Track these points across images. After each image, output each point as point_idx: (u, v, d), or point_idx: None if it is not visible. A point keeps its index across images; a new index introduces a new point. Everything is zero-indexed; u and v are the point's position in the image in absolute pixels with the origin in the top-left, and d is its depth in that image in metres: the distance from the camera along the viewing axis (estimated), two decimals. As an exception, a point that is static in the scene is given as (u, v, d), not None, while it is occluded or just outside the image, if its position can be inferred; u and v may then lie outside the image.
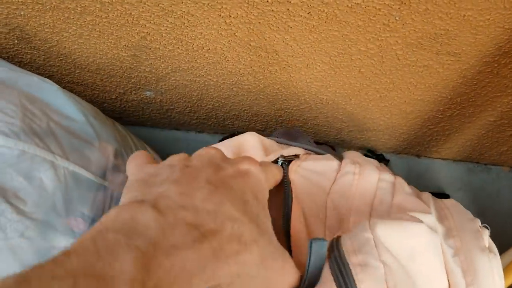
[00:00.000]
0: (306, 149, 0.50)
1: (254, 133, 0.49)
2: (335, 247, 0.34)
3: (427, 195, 0.47)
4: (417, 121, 0.82)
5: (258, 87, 0.80)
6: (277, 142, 0.51)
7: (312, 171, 0.44)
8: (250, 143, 0.48)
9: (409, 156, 0.96)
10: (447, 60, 0.64)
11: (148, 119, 1.00)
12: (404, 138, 0.89)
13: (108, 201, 0.60)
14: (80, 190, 0.56)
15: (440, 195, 0.92)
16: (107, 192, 0.61)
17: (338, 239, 0.34)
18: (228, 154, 0.46)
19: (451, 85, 0.70)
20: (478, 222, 0.41)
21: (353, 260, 0.32)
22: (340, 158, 0.55)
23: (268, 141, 0.49)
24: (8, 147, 0.50)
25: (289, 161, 0.44)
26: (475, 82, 0.68)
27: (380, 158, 0.91)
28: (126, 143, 0.71)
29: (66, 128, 0.59)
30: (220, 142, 0.50)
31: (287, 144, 0.51)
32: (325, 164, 0.45)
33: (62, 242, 0.51)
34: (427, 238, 0.35)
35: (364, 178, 0.43)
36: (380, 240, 0.34)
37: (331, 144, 0.97)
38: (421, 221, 0.36)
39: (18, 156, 0.50)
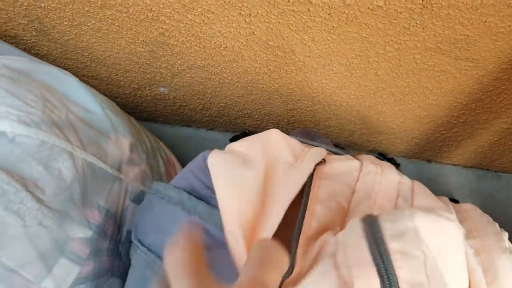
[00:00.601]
0: (327, 150, 0.51)
1: (278, 131, 0.49)
2: (374, 228, 0.34)
3: (445, 199, 0.47)
4: (430, 126, 0.82)
5: (273, 87, 0.80)
6: (300, 142, 0.51)
7: (337, 171, 0.44)
8: (277, 144, 0.48)
9: (420, 160, 0.96)
10: (465, 65, 0.64)
11: (160, 115, 1.00)
12: (416, 143, 0.89)
13: (123, 194, 0.61)
14: (97, 181, 0.56)
15: (450, 200, 0.92)
16: (122, 185, 0.61)
17: (375, 220, 0.34)
18: (257, 154, 0.45)
19: (467, 91, 0.70)
20: (497, 225, 0.42)
21: (392, 246, 0.32)
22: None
23: (292, 141, 0.50)
24: (29, 136, 0.50)
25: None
26: (491, 89, 0.68)
27: (391, 162, 0.92)
28: (140, 138, 0.71)
29: (84, 120, 0.59)
30: (246, 139, 0.50)
31: (309, 144, 0.52)
32: (349, 164, 0.45)
33: (78, 233, 0.52)
34: (456, 237, 0.35)
35: (386, 177, 0.43)
36: (419, 230, 0.34)
37: (342, 146, 0.97)
38: (454, 220, 0.36)
39: (39, 146, 0.50)
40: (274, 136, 0.49)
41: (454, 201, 0.91)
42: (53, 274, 0.49)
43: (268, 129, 0.96)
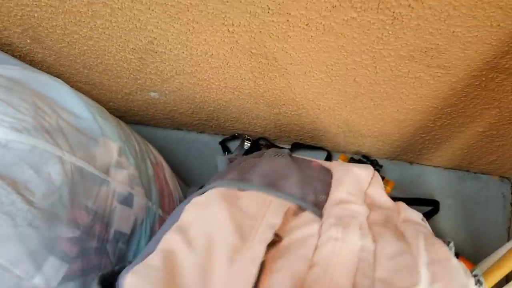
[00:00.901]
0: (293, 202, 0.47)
1: (222, 200, 0.44)
2: None
3: (421, 241, 0.43)
4: (410, 129, 0.85)
5: (258, 92, 0.83)
6: (259, 192, 0.47)
7: (292, 241, 0.41)
8: (218, 222, 0.42)
9: (402, 162, 0.99)
10: (437, 72, 0.67)
11: (151, 119, 1.03)
12: (397, 145, 0.92)
13: (111, 196, 0.64)
14: (85, 184, 0.59)
15: (430, 201, 0.95)
16: (110, 187, 0.64)
17: None
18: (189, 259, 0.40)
19: (441, 96, 0.73)
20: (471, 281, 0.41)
21: None
22: (328, 171, 0.55)
23: (243, 205, 0.45)
24: (20, 142, 0.53)
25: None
26: (464, 94, 0.71)
27: (374, 164, 0.95)
28: (129, 141, 0.74)
29: (73, 126, 0.62)
30: (178, 231, 0.43)
31: (272, 193, 0.47)
32: (306, 230, 0.42)
33: (66, 233, 0.55)
34: None
35: (346, 244, 0.40)
36: None
37: (327, 148, 1.01)
38: None
39: (30, 151, 0.53)
40: (216, 212, 0.43)
41: (435, 202, 0.94)
42: (43, 271, 0.52)
43: (256, 132, 1.00)
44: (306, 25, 0.63)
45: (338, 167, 0.56)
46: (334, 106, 0.82)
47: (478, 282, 0.41)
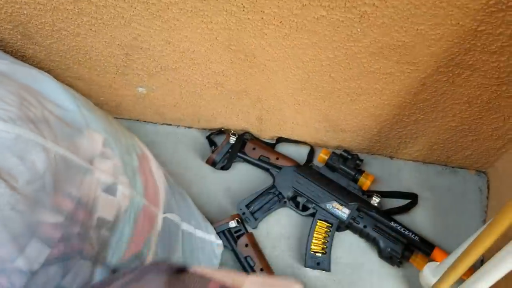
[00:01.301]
0: None
1: None
2: None
3: None
4: (387, 124, 0.88)
5: (240, 87, 0.86)
6: None
7: None
8: None
9: (383, 157, 1.02)
10: (406, 68, 0.70)
11: (140, 114, 1.06)
12: (376, 140, 0.95)
13: (95, 184, 0.67)
14: (69, 172, 0.63)
15: (410, 194, 0.98)
16: (94, 176, 0.67)
17: None
18: None
19: (413, 92, 0.76)
20: None
21: None
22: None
23: None
24: (5, 131, 0.56)
25: None
26: (434, 90, 0.74)
27: (355, 158, 0.98)
28: (115, 134, 0.77)
29: (58, 117, 0.66)
30: None
31: None
32: None
33: (49, 218, 0.58)
34: None
35: None
36: None
37: (310, 143, 1.04)
38: None
39: (14, 139, 0.57)
40: None
41: (414, 195, 0.97)
42: (25, 254, 0.55)
43: (241, 126, 1.03)
44: (280, 22, 0.66)
45: None
46: (313, 101, 0.86)
47: None
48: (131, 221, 0.74)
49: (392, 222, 0.93)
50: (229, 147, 1.03)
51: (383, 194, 0.97)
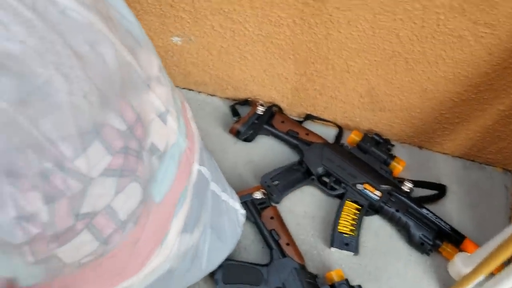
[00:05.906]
0: None
1: None
2: None
3: None
4: (432, 103, 0.86)
5: (292, 44, 0.82)
6: None
7: None
8: None
9: (412, 146, 1.00)
10: (482, 31, 0.69)
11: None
12: (413, 123, 0.93)
13: (151, 106, 0.60)
14: (132, 83, 0.55)
15: (438, 185, 0.96)
16: (150, 97, 0.60)
17: None
18: None
19: (476, 63, 0.75)
20: None
21: None
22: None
23: None
24: (80, 13, 0.49)
25: None
26: (499, 62, 0.73)
27: (387, 142, 0.95)
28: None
29: (120, 23, 0.59)
30: None
31: None
32: None
33: (114, 122, 0.50)
34: None
35: None
36: None
37: (339, 124, 1.00)
38: None
39: (88, 25, 0.49)
40: None
41: (442, 186, 0.95)
42: (87, 155, 0.47)
43: (271, 98, 0.97)
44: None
45: None
46: (365, 69, 0.82)
47: None
48: (176, 160, 0.66)
49: (423, 210, 0.89)
50: (255, 118, 0.97)
51: (413, 183, 0.94)
